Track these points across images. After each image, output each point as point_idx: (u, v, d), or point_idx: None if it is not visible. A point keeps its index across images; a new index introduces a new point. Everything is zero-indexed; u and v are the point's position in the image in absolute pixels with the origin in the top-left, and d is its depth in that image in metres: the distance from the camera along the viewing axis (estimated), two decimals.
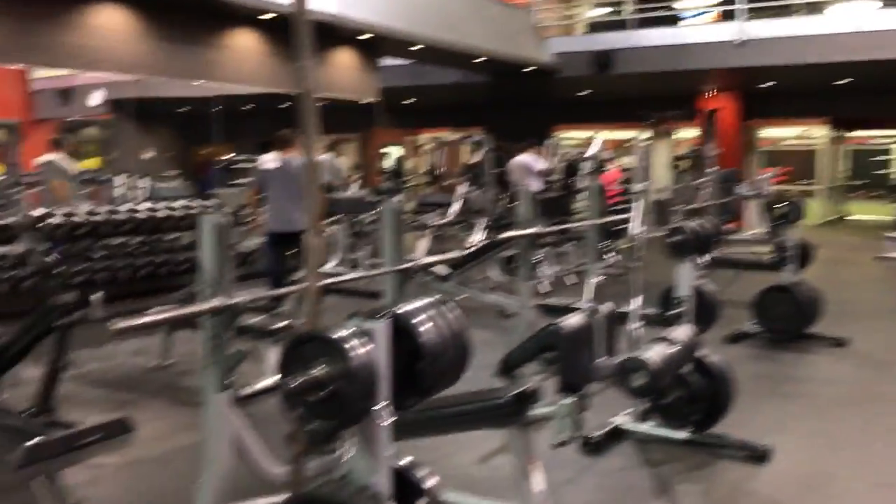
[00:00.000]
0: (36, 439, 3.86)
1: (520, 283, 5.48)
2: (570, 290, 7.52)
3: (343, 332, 1.77)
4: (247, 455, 3.01)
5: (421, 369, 1.85)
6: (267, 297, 4.81)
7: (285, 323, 5.16)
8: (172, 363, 5.41)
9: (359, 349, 1.74)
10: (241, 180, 11.38)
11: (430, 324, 1.90)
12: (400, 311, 1.89)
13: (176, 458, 3.89)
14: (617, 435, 3.92)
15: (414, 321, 1.88)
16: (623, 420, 4.01)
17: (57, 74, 15.44)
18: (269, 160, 6.72)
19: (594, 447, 3.76)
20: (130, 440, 4.09)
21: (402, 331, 1.85)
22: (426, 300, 1.97)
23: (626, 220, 6.11)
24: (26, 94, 16.87)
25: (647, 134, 9.42)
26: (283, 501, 1.84)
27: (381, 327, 1.82)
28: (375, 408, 1.81)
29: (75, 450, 3.92)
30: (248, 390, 3.39)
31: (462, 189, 10.21)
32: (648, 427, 3.96)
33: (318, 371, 1.73)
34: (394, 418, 1.83)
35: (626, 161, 11.84)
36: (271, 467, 3.09)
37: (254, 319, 4.91)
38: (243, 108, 16.18)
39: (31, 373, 4.42)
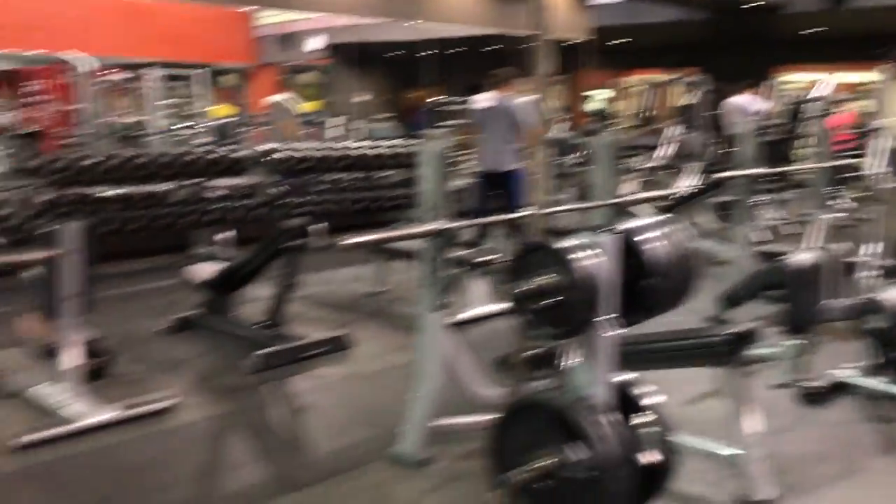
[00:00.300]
0: (267, 349, 4.25)
1: (735, 230, 5.22)
2: (789, 240, 7.06)
3: (571, 244, 1.78)
4: (457, 374, 3.14)
5: (646, 287, 1.82)
6: (480, 225, 4.93)
7: (490, 257, 5.27)
8: (386, 291, 5.69)
9: (586, 261, 1.75)
10: (448, 122, 11.61)
11: (658, 242, 1.86)
12: (628, 227, 1.87)
13: (390, 375, 4.11)
14: (840, 387, 3.66)
15: (642, 238, 1.85)
16: (848, 372, 3.74)
17: (280, 20, 16.41)
18: (484, 100, 6.78)
19: (814, 397, 3.54)
20: (349, 356, 4.40)
21: (630, 247, 1.83)
22: (656, 218, 1.93)
23: (856, 167, 5.63)
24: (251, 40, 18.09)
25: (886, 74, 8.56)
26: (505, 406, 1.89)
27: (609, 241, 1.80)
28: (599, 320, 1.81)
29: (300, 360, 4.26)
30: (456, 318, 3.51)
31: (672, 132, 9.81)
32: (877, 382, 3.67)
33: (544, 279, 1.75)
34: (618, 332, 1.83)
35: (860, 105, 10.83)
36: (480, 388, 3.19)
37: (460, 253, 5.05)
38: (452, 51, 16.42)
39: (262, 291, 4.83)
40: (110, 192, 6.60)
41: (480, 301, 5.09)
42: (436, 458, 3.07)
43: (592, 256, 1.77)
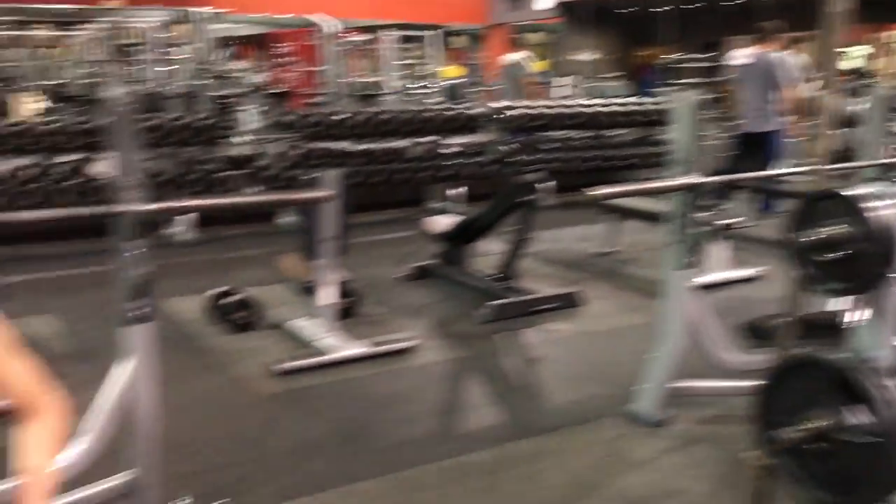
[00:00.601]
0: (500, 300, 4.36)
1: None
2: None
3: (866, 192, 1.64)
4: (700, 336, 3.03)
5: None
6: (725, 188, 4.71)
7: (731, 220, 5.03)
8: (616, 251, 5.62)
9: (882, 211, 1.61)
10: (683, 80, 11.13)
11: None
12: None
13: (622, 335, 4.07)
14: None
15: None
16: None
17: None
18: (742, 55, 6.43)
19: None
20: (580, 313, 4.41)
21: None
22: None
23: None
24: (483, 0, 18.31)
25: None
26: (777, 364, 1.80)
27: None
28: (892, 276, 1.66)
29: (532, 313, 4.34)
30: (701, 280, 3.36)
31: None
32: None
33: (834, 230, 1.63)
34: None
35: None
36: (724, 352, 3.07)
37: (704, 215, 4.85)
38: (690, 7, 15.63)
39: (494, 245, 4.94)
40: (355, 146, 7.00)
41: (721, 266, 4.87)
42: (673, 420, 3.01)
43: (890, 207, 1.62)
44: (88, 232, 4.84)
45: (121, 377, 2.30)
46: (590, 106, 7.95)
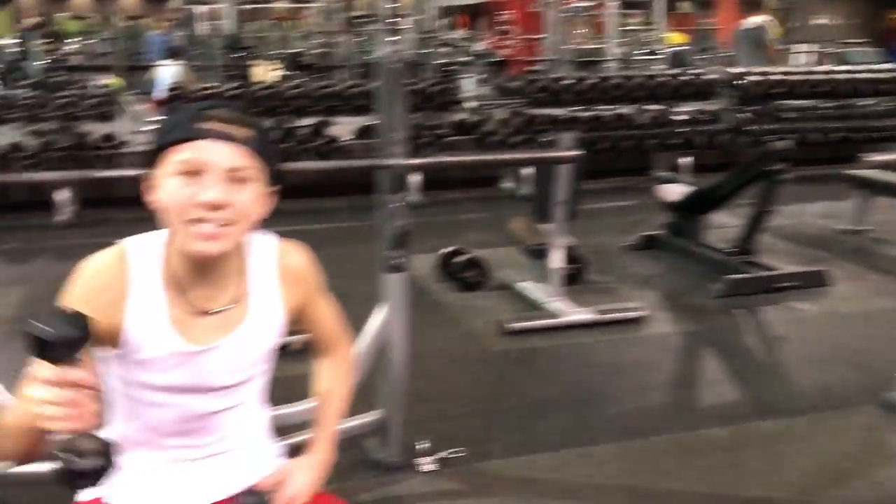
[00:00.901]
0: (737, 274, 4.16)
1: None
2: None
3: None
4: None
5: None
6: None
7: None
8: (867, 229, 5.16)
9: None
10: None
11: None
12: None
13: (875, 318, 3.74)
14: None
15: None
16: None
17: None
18: None
19: None
20: (826, 293, 4.11)
21: None
22: None
23: None
24: None
25: None
26: None
27: None
28: None
29: (772, 290, 4.10)
30: None
31: None
32: None
33: None
34: None
35: None
36: None
37: None
38: None
39: (727, 218, 4.71)
40: (581, 113, 6.93)
41: None
42: None
43: None
44: (333, 190, 5.16)
45: (377, 321, 2.43)
46: (838, 73, 7.36)
